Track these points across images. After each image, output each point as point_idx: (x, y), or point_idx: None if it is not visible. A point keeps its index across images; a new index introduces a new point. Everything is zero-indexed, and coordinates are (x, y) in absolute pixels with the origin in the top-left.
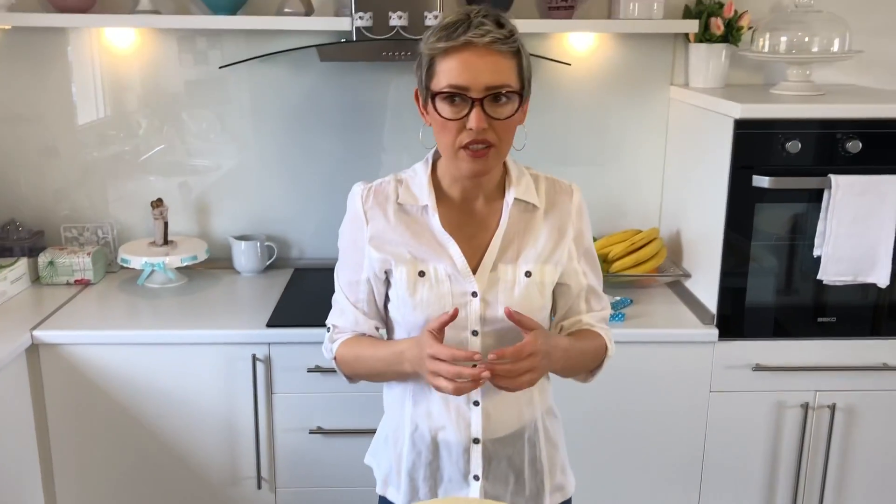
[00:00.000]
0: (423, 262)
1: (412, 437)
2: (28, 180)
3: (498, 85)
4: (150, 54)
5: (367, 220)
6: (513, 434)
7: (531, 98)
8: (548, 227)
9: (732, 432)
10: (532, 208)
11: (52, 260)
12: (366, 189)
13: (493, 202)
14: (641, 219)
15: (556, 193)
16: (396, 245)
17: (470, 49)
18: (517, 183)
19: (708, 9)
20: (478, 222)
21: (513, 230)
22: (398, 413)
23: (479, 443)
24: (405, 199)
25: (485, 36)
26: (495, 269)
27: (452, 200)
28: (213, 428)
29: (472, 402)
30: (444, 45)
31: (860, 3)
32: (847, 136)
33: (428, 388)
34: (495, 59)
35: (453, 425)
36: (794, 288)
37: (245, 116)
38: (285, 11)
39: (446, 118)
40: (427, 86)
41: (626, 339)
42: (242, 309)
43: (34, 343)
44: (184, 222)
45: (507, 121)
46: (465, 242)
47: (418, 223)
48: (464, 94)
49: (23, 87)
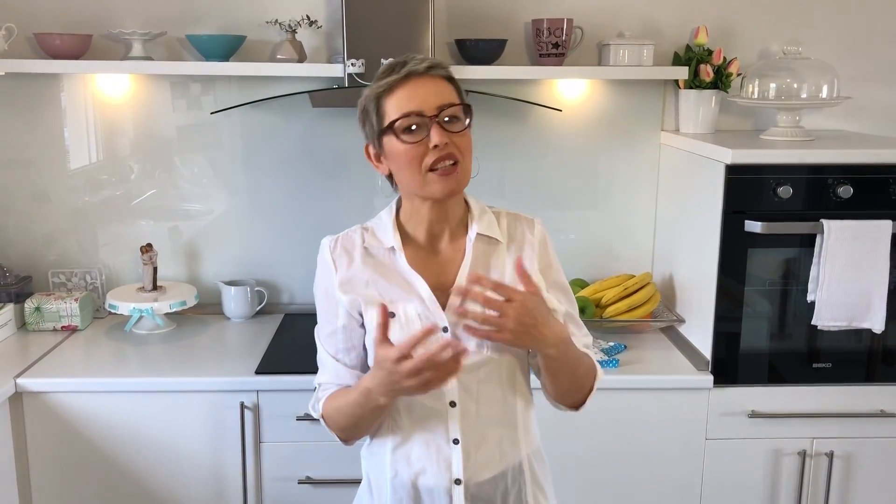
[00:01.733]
0: (393, 304)
1: (392, 484)
2: (17, 225)
3: (447, 103)
4: (143, 100)
5: (335, 268)
6: (496, 477)
7: (524, 143)
8: (512, 260)
9: (729, 480)
10: (495, 243)
11: (39, 306)
12: (333, 240)
13: (457, 240)
14: (633, 263)
15: (517, 228)
16: (365, 287)
17: (412, 79)
18: (479, 219)
19: (697, 56)
20: (443, 260)
21: (477, 264)
22: (378, 460)
23: (460, 483)
24: (371, 242)
25: (421, 63)
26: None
27: (417, 242)
28: (199, 477)
29: (451, 440)
30: (389, 80)
31: (848, 50)
32: (838, 181)
33: (406, 433)
34: (437, 82)
35: (434, 467)
36: (788, 333)
37: (237, 161)
38: (278, 58)
39: (408, 143)
40: (380, 129)
41: (620, 385)
42: (231, 355)
43: (17, 391)
44: (173, 267)
45: (464, 136)
46: (433, 280)
47: (385, 265)
48: (420, 116)
49: (15, 132)
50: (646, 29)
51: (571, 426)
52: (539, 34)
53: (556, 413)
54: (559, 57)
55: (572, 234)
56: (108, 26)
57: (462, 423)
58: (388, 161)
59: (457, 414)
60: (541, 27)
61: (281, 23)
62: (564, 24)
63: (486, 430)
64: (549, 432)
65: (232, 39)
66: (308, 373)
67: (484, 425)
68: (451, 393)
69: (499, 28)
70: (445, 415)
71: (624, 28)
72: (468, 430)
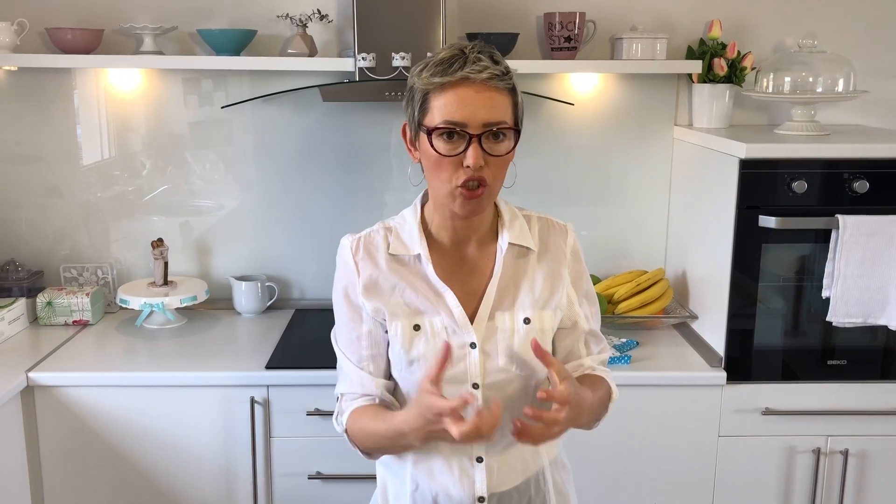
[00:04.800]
0: (419, 315)
1: (413, 497)
2: (29, 220)
3: (495, 121)
4: (155, 95)
5: (358, 272)
6: (518, 487)
7: (536, 138)
8: (543, 271)
9: (743, 478)
10: (526, 251)
11: (51, 300)
12: (355, 240)
13: (486, 246)
14: (646, 259)
15: (549, 234)
16: (390, 295)
17: (466, 84)
18: (510, 226)
19: (711, 49)
20: (470, 268)
21: (508, 276)
22: (398, 471)
23: (483, 501)
24: (396, 248)
25: (482, 72)
26: (492, 318)
27: (443, 246)
28: (209, 471)
29: (475, 458)
30: (440, 80)
31: (864, 44)
32: (854, 175)
33: (428, 448)
34: (492, 95)
35: (457, 484)
36: (802, 330)
37: (248, 156)
38: (289, 52)
39: (442, 154)
40: (420, 121)
41: (633, 381)
42: (241, 350)
43: (29, 385)
44: (185, 262)
45: (503, 158)
46: (459, 290)
47: (412, 272)
48: (461, 130)
49: (27, 127)
50: (659, 23)
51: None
52: (551, 28)
53: None
54: (571, 51)
55: (584, 231)
56: (120, 21)
57: (487, 442)
58: (420, 153)
59: None
60: (553, 21)
61: (292, 17)
62: (577, 17)
63: (508, 445)
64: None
65: (243, 34)
66: (318, 368)
67: (507, 440)
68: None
69: (511, 22)
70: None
71: (637, 22)
72: (492, 447)
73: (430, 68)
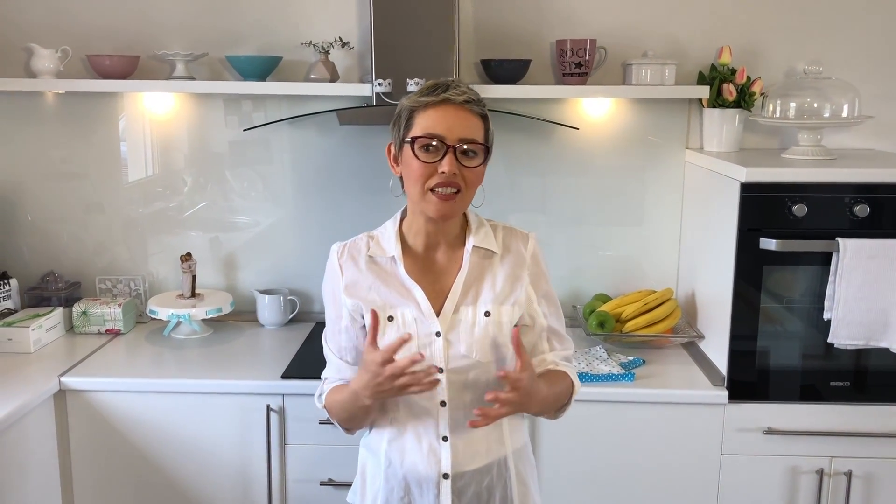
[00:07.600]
0: (392, 308)
1: (385, 474)
2: (71, 233)
3: (469, 138)
4: (188, 117)
5: (342, 273)
6: (481, 469)
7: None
8: (504, 271)
9: (745, 497)
10: (490, 254)
11: (86, 310)
12: (341, 247)
13: (454, 251)
14: (658, 280)
15: (512, 240)
16: (367, 291)
17: (447, 105)
18: (476, 232)
19: (721, 75)
20: (439, 270)
21: (472, 275)
22: (375, 450)
23: (448, 478)
24: (375, 251)
25: (461, 96)
26: (457, 311)
27: (416, 251)
28: (227, 475)
29: (441, 437)
30: (426, 99)
31: (871, 70)
32: (855, 199)
33: (401, 426)
34: (467, 117)
35: (424, 461)
36: (805, 351)
37: (276, 175)
38: (311, 77)
39: (422, 161)
40: (404, 137)
41: (636, 398)
42: (261, 360)
43: (62, 389)
44: (213, 276)
45: (474, 171)
46: (429, 288)
47: (386, 272)
48: (440, 140)
49: (72, 146)
50: (670, 49)
51: (586, 439)
52: (563, 54)
53: (572, 427)
54: (582, 76)
55: (600, 252)
56: (154, 48)
57: (451, 422)
58: (401, 167)
59: (446, 413)
60: (564, 48)
61: (315, 44)
62: (588, 44)
63: (474, 429)
64: (563, 445)
65: (268, 60)
66: None
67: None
68: (441, 393)
69: (524, 48)
70: (436, 413)
71: (649, 48)
72: (457, 427)
73: (419, 93)
